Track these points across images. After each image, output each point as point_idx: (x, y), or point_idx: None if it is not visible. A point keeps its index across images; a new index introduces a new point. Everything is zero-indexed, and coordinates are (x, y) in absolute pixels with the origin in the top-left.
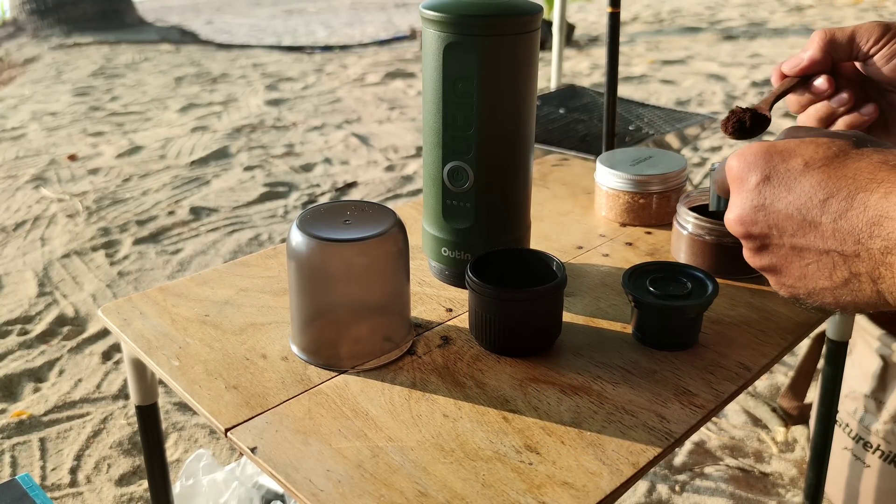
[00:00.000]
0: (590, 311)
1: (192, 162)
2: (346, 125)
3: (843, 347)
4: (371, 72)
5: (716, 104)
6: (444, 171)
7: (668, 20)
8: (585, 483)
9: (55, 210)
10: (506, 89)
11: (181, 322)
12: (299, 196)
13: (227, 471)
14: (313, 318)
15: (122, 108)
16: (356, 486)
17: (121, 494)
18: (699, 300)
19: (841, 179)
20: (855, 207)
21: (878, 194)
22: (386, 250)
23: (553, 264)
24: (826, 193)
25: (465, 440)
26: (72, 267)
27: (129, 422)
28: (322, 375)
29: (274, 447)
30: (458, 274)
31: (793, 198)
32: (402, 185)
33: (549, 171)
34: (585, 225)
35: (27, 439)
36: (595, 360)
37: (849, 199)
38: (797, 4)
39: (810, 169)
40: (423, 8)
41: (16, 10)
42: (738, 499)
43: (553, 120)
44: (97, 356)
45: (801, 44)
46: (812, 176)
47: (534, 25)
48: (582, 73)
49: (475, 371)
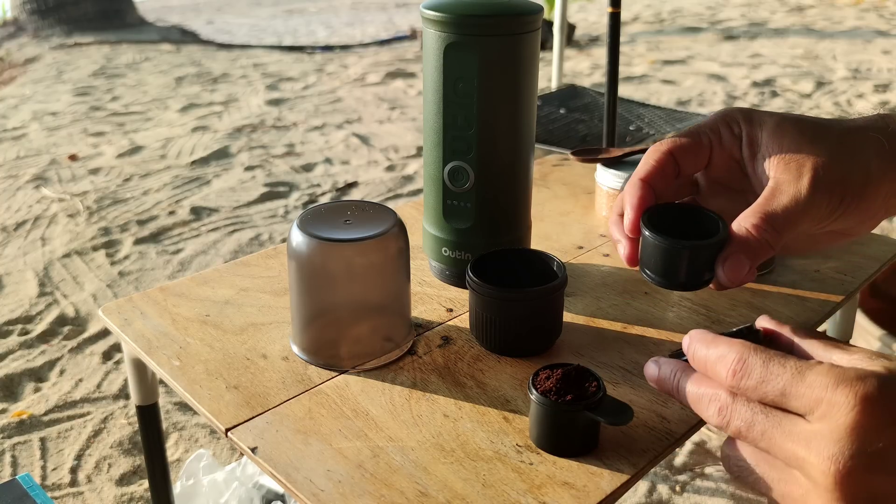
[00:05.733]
0: (590, 311)
1: (193, 162)
2: (346, 125)
3: None
4: (372, 72)
5: (716, 104)
6: (445, 171)
7: (668, 20)
8: (586, 483)
9: (56, 210)
10: (506, 89)
11: (182, 322)
12: (300, 196)
13: (228, 471)
14: (314, 318)
15: (123, 108)
16: (356, 486)
17: (121, 494)
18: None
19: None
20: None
21: None
22: (386, 250)
23: (553, 264)
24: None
25: (466, 440)
26: (72, 267)
27: (129, 422)
28: (322, 375)
29: (274, 447)
30: (459, 274)
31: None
32: (403, 185)
33: (549, 171)
34: (586, 225)
35: (28, 439)
36: (595, 360)
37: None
38: (798, 4)
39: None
40: (423, 8)
41: (16, 10)
42: (738, 499)
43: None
44: (98, 356)
45: (801, 44)
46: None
47: (534, 25)
48: (582, 73)
49: (476, 371)
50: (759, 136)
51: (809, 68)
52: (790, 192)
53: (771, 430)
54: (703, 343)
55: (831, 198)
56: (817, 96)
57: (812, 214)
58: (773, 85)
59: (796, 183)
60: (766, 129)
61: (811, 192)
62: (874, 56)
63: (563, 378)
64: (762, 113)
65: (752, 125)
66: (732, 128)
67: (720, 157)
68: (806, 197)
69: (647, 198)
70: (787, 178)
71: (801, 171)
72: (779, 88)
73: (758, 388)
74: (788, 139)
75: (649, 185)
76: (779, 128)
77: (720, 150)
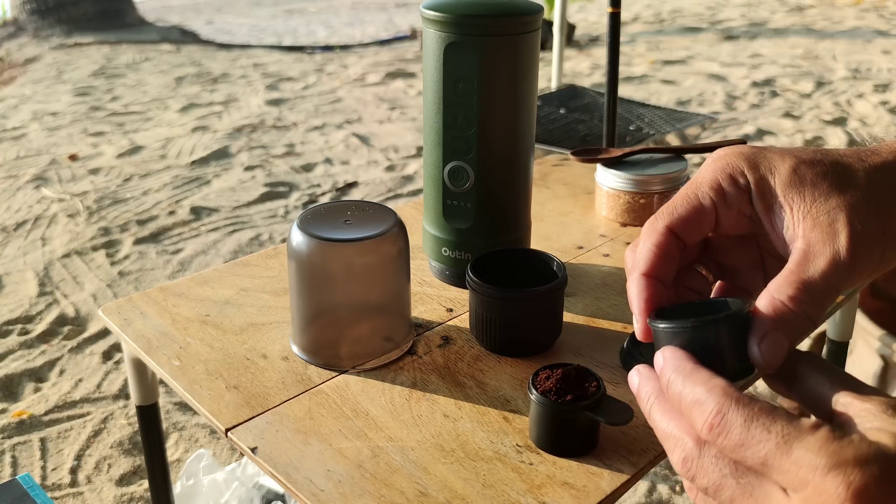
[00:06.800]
0: (590, 311)
1: (193, 162)
2: (346, 125)
3: (843, 348)
4: (371, 72)
5: (716, 104)
6: (445, 171)
7: (668, 20)
8: (586, 483)
9: (56, 210)
10: (506, 89)
11: (182, 322)
12: (300, 196)
13: (228, 471)
14: (314, 318)
15: (123, 108)
16: (356, 486)
17: (121, 494)
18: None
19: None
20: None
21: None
22: (386, 250)
23: (553, 264)
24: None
25: (466, 440)
26: (72, 267)
27: (129, 422)
28: (322, 375)
29: (274, 447)
30: (459, 274)
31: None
32: (403, 185)
33: (549, 171)
34: (586, 225)
35: (28, 439)
36: (595, 360)
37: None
38: (798, 4)
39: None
40: (423, 8)
41: (16, 10)
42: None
43: (554, 120)
44: (98, 356)
45: (802, 44)
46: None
47: (534, 25)
48: (582, 73)
49: (475, 371)
50: (772, 185)
51: (809, 68)
52: (827, 255)
53: (741, 500)
54: (679, 374)
55: (873, 253)
56: (817, 96)
57: (853, 279)
58: (773, 85)
59: (832, 243)
60: (778, 176)
61: (851, 251)
62: (874, 56)
63: (563, 378)
64: (769, 154)
65: (760, 172)
66: (737, 180)
67: (728, 217)
68: (847, 259)
69: (656, 296)
70: (820, 238)
71: (835, 227)
72: (779, 88)
73: (735, 450)
74: (810, 187)
75: (655, 280)
76: (795, 174)
77: (726, 211)
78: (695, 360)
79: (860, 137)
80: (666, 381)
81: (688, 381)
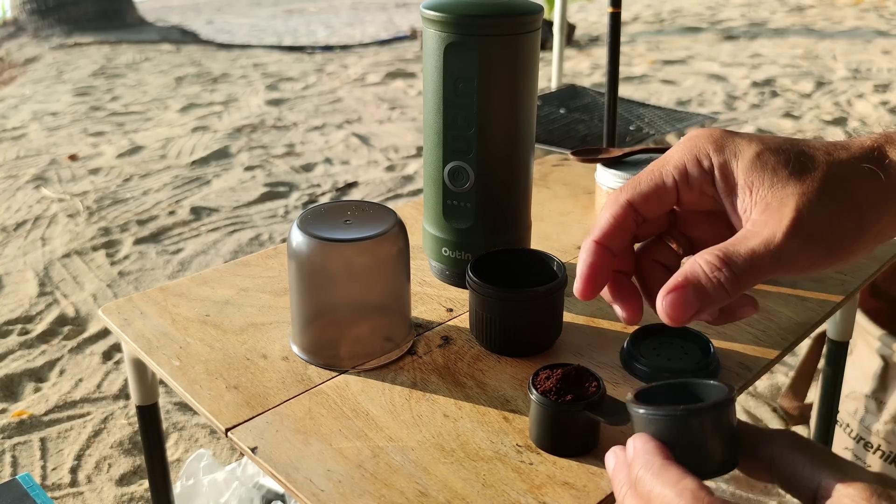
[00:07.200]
0: (590, 312)
1: (193, 162)
2: (346, 125)
3: (843, 347)
4: (372, 72)
5: (716, 104)
6: (445, 171)
7: (668, 20)
8: (586, 483)
9: (56, 210)
10: (506, 89)
11: (182, 322)
12: (300, 196)
13: (228, 471)
14: (314, 318)
15: (123, 108)
16: (356, 486)
17: (121, 494)
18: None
19: None
20: None
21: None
22: (386, 250)
23: (553, 264)
24: None
25: (466, 440)
26: (72, 267)
27: (129, 422)
28: (322, 375)
29: (274, 447)
30: (459, 274)
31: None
32: (403, 185)
33: (549, 171)
34: (586, 225)
35: (28, 439)
36: (595, 360)
37: None
38: (798, 4)
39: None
40: (423, 8)
41: (16, 10)
42: (738, 499)
43: (554, 120)
44: (98, 356)
45: (802, 44)
46: None
47: (534, 25)
48: (582, 73)
49: (476, 371)
50: (734, 168)
51: (809, 68)
52: (763, 236)
53: None
54: (647, 470)
55: (814, 248)
56: (817, 96)
57: (787, 264)
58: (773, 85)
59: (773, 225)
60: (741, 160)
61: (787, 239)
62: (874, 56)
63: (563, 378)
64: (737, 139)
65: (724, 155)
66: (701, 161)
67: (689, 195)
68: (780, 244)
69: (602, 263)
70: (765, 220)
71: (782, 212)
72: (779, 88)
73: None
74: (770, 173)
75: (605, 248)
76: (758, 159)
77: (688, 190)
78: (667, 452)
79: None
80: (635, 477)
81: (657, 481)
